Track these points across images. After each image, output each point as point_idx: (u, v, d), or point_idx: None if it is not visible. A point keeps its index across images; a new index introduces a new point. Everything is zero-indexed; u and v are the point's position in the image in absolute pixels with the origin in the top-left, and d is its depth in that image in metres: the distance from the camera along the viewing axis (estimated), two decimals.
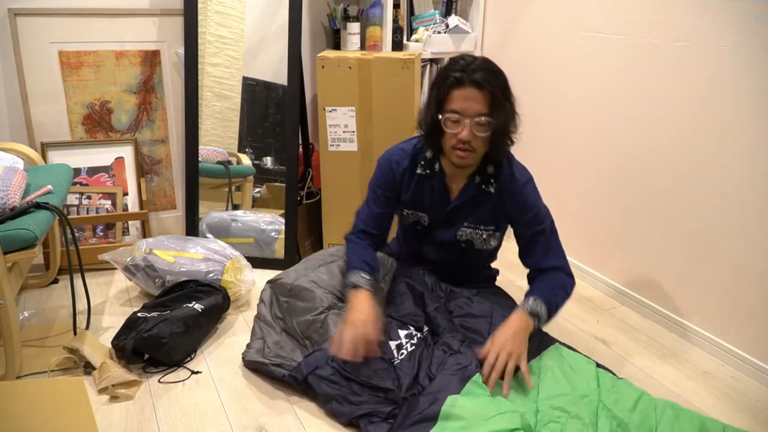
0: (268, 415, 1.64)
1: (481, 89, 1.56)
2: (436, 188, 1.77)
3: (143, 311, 1.92)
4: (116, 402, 1.67)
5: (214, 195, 2.58)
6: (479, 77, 1.55)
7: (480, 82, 1.55)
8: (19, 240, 1.61)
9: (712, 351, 1.96)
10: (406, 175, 1.79)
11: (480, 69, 1.57)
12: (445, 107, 1.60)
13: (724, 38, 1.79)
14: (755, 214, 1.78)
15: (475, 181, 1.74)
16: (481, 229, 1.78)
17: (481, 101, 1.56)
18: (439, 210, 1.79)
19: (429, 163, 1.76)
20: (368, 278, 1.73)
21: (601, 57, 2.20)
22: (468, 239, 1.80)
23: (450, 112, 1.59)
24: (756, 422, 1.66)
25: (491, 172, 1.73)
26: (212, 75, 2.49)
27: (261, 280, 2.37)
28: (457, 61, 1.62)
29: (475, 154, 1.64)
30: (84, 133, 2.49)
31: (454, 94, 1.58)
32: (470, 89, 1.56)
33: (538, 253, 1.74)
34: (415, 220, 1.85)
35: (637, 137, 2.11)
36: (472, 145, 1.60)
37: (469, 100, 1.56)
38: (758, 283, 1.81)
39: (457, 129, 1.59)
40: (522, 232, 1.76)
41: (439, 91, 1.61)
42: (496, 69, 1.61)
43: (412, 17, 2.73)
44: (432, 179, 1.76)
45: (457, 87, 1.57)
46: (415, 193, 1.79)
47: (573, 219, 2.47)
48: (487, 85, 1.56)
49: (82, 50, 2.40)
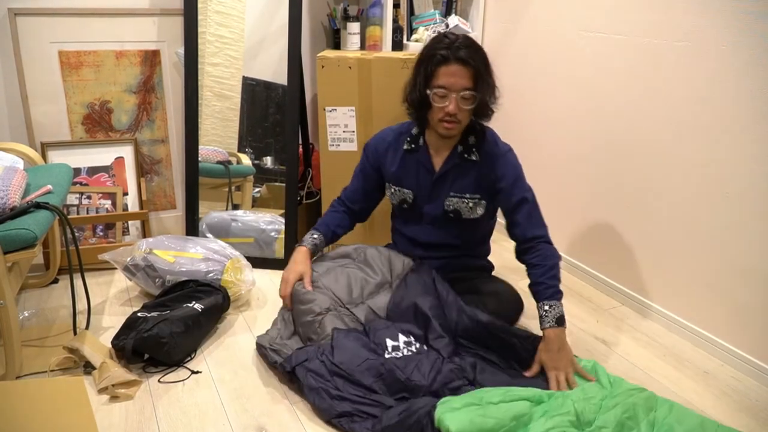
0: (268, 415, 1.64)
1: (466, 65, 1.70)
2: (421, 162, 1.89)
3: (143, 311, 1.92)
4: (116, 402, 1.67)
5: (214, 195, 2.58)
6: (464, 54, 1.69)
7: (465, 58, 1.69)
8: (19, 240, 1.61)
9: (712, 351, 1.96)
10: (390, 149, 1.93)
11: (464, 46, 1.71)
12: (432, 83, 1.73)
13: (724, 38, 1.79)
14: (755, 214, 1.78)
15: (458, 150, 1.86)
16: (466, 197, 1.87)
17: (466, 76, 1.71)
18: (425, 183, 1.90)
19: (414, 139, 1.91)
20: (316, 237, 1.95)
21: (601, 57, 2.20)
22: (455, 209, 1.89)
23: (437, 87, 1.72)
24: (756, 422, 1.66)
25: (473, 142, 1.86)
26: (212, 75, 2.49)
27: (261, 280, 2.37)
28: (441, 39, 1.74)
29: (460, 125, 1.78)
30: (84, 133, 2.49)
31: (441, 71, 1.71)
32: (456, 66, 1.70)
33: (524, 222, 1.81)
34: (401, 198, 1.94)
35: (638, 137, 2.11)
36: (458, 117, 1.74)
37: (455, 75, 1.70)
38: (758, 283, 1.81)
39: (444, 103, 1.73)
40: (506, 199, 1.84)
41: (427, 68, 1.74)
42: (477, 46, 1.75)
43: (412, 17, 2.73)
44: (417, 153, 1.90)
45: (444, 64, 1.71)
46: (400, 167, 1.91)
47: (573, 219, 2.47)
48: (471, 62, 1.70)
49: (82, 50, 2.40)
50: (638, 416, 1.49)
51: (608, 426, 1.45)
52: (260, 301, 2.25)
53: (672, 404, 1.55)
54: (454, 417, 1.42)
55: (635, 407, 1.50)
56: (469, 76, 1.71)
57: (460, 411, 1.44)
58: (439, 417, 1.43)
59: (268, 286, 2.36)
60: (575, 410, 1.47)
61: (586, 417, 1.47)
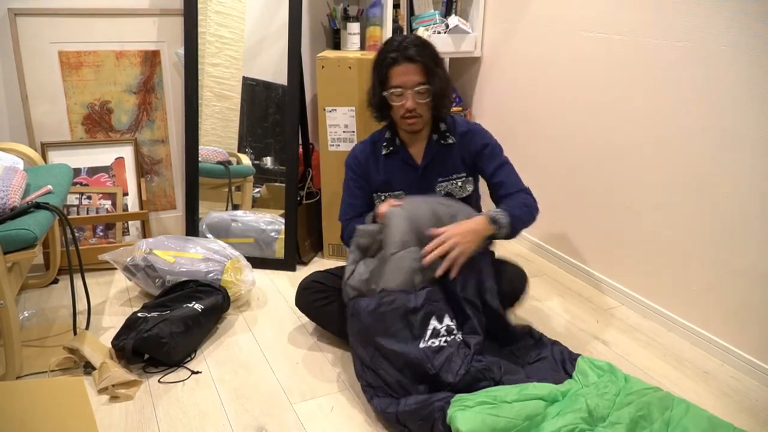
0: (268, 415, 1.64)
1: (415, 62, 1.79)
2: (403, 160, 1.95)
3: (143, 311, 1.92)
4: (116, 402, 1.67)
5: (214, 195, 2.58)
6: (412, 52, 1.79)
7: (413, 56, 1.79)
8: (19, 240, 1.61)
9: (712, 351, 1.96)
10: (371, 160, 1.98)
11: (411, 45, 1.80)
12: (387, 85, 1.83)
13: (723, 38, 1.79)
14: (755, 214, 1.78)
15: (434, 139, 1.94)
16: (454, 178, 1.95)
17: (417, 73, 1.80)
18: (412, 178, 1.95)
19: (390, 142, 1.96)
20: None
21: (601, 57, 2.20)
22: (447, 192, 1.96)
23: (392, 87, 1.82)
24: (756, 422, 1.66)
25: (444, 128, 1.94)
26: (212, 75, 2.49)
27: (261, 280, 2.38)
28: (389, 42, 1.85)
29: (422, 119, 1.86)
30: (84, 133, 2.49)
31: (393, 72, 1.81)
32: (405, 65, 1.79)
33: (507, 180, 1.90)
34: None
35: (638, 137, 2.11)
36: (418, 111, 1.83)
37: (407, 74, 1.80)
38: (758, 283, 1.81)
39: (401, 101, 1.82)
40: (487, 167, 1.92)
41: (380, 72, 1.84)
42: (425, 42, 1.85)
43: (412, 17, 2.73)
44: (397, 154, 1.96)
45: (394, 65, 1.80)
46: (385, 172, 1.96)
47: (573, 218, 2.47)
48: (419, 58, 1.79)
49: (82, 50, 2.40)
50: (653, 415, 1.49)
51: (622, 422, 1.45)
52: (260, 301, 2.25)
53: (688, 405, 1.54)
54: (466, 417, 1.41)
55: (650, 406, 1.50)
56: (420, 71, 1.80)
57: (473, 410, 1.44)
58: (451, 416, 1.43)
59: (268, 286, 2.36)
60: (588, 406, 1.47)
61: (599, 413, 1.47)
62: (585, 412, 1.46)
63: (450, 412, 1.44)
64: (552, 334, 1.96)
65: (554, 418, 1.46)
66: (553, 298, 2.32)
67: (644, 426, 1.47)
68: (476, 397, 1.49)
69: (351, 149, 2.05)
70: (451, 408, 1.45)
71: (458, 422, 1.40)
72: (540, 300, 2.30)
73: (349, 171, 2.02)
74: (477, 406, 1.45)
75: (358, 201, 2.01)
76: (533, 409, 1.46)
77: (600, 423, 1.46)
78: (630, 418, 1.46)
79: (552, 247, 2.61)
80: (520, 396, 1.49)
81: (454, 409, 1.45)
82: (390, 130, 1.97)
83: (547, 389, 1.53)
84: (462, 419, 1.41)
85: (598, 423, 1.46)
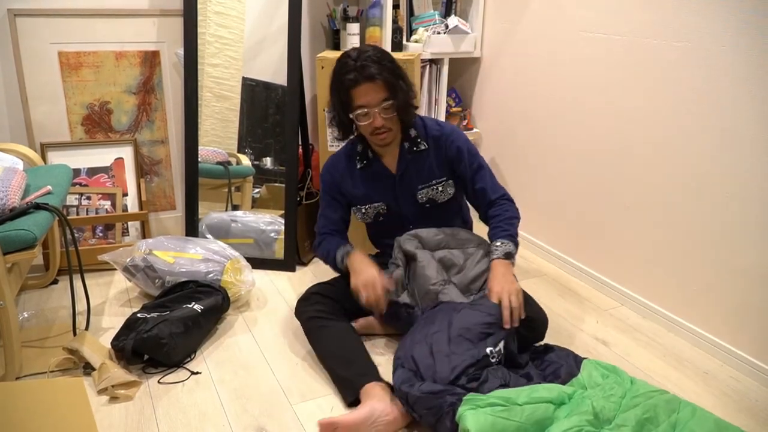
0: (268, 415, 1.64)
1: (375, 80, 1.75)
2: (378, 172, 1.94)
3: (143, 312, 1.92)
4: (116, 402, 1.67)
5: (213, 195, 2.57)
6: (372, 71, 1.74)
7: (373, 74, 1.74)
8: (19, 241, 1.61)
9: (712, 351, 1.96)
10: (346, 174, 1.96)
11: (369, 62, 1.75)
12: (351, 107, 1.80)
13: (723, 39, 1.79)
14: (755, 214, 1.78)
15: (405, 147, 1.92)
16: (434, 183, 1.93)
17: (379, 90, 1.76)
18: (389, 188, 1.94)
19: (362, 155, 1.95)
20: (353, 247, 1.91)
21: (601, 57, 2.20)
22: (429, 198, 1.94)
23: (357, 108, 1.79)
24: (756, 422, 1.66)
25: (414, 134, 1.92)
26: (212, 75, 2.49)
27: (261, 281, 2.37)
28: (345, 63, 1.78)
29: (392, 132, 1.85)
30: (83, 134, 2.49)
31: (354, 93, 1.77)
32: (366, 84, 1.75)
33: (487, 186, 1.92)
34: (375, 213, 1.97)
35: (637, 137, 2.11)
36: (386, 125, 1.81)
37: (369, 93, 1.76)
38: (758, 283, 1.81)
39: (368, 120, 1.79)
40: (465, 173, 1.92)
41: (340, 95, 1.81)
42: (380, 54, 1.79)
43: (411, 18, 2.73)
44: (371, 166, 1.94)
45: (355, 86, 1.76)
46: (363, 186, 1.95)
47: (572, 218, 2.47)
48: (379, 75, 1.74)
49: (82, 51, 2.40)
50: (659, 417, 1.48)
51: (628, 425, 1.44)
52: (260, 301, 2.25)
53: (695, 408, 1.53)
54: (476, 417, 1.41)
55: (656, 408, 1.50)
56: (382, 88, 1.76)
57: (483, 411, 1.43)
58: (461, 414, 1.43)
59: (267, 286, 2.36)
60: (594, 408, 1.46)
61: (605, 415, 1.46)
62: (591, 414, 1.45)
63: (460, 411, 1.44)
64: (552, 334, 1.96)
65: (560, 421, 1.46)
66: (553, 298, 2.31)
67: (650, 429, 1.46)
68: (488, 398, 1.48)
69: (324, 162, 2.04)
70: (462, 406, 1.45)
71: (468, 422, 1.40)
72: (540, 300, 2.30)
73: (323, 185, 2.01)
74: (488, 407, 1.45)
75: (335, 215, 1.99)
76: (542, 414, 1.46)
77: (606, 425, 1.45)
78: (636, 421, 1.45)
79: (552, 247, 2.61)
80: (530, 399, 1.49)
81: (465, 407, 1.44)
82: (361, 143, 1.94)
83: (555, 391, 1.53)
84: (472, 419, 1.40)
85: (604, 425, 1.45)
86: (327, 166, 2.01)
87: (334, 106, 1.86)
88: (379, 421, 1.52)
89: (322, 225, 2.01)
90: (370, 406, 1.54)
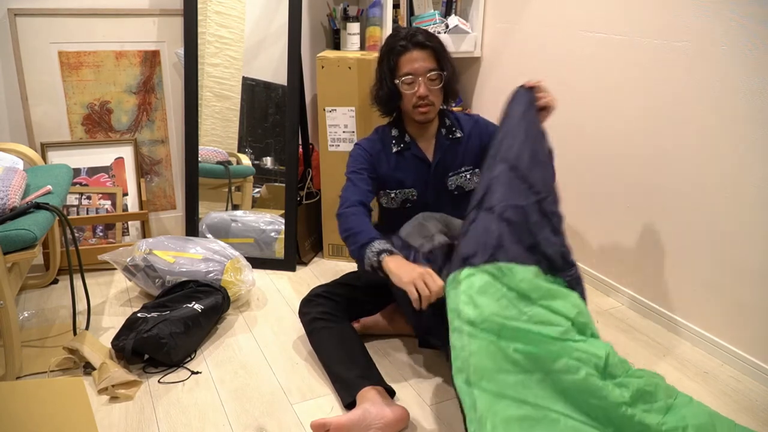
0: (268, 416, 1.64)
1: (425, 48, 1.79)
2: (415, 156, 1.93)
3: (143, 311, 1.92)
4: (116, 402, 1.67)
5: (213, 195, 2.58)
6: (421, 38, 1.79)
7: (423, 42, 1.79)
8: (19, 240, 1.61)
9: (712, 351, 1.96)
10: (381, 153, 1.93)
11: (419, 32, 1.81)
12: (398, 73, 1.81)
13: (723, 39, 1.79)
14: (755, 214, 1.78)
15: (443, 133, 1.93)
16: (463, 171, 1.95)
17: (428, 59, 1.80)
18: (424, 175, 1.93)
19: (399, 139, 1.93)
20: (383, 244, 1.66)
21: (601, 57, 2.20)
22: (458, 185, 1.95)
23: (404, 75, 1.80)
24: (756, 422, 1.66)
25: (449, 123, 1.95)
26: (212, 75, 2.49)
27: (261, 281, 2.38)
28: (395, 33, 1.84)
29: (434, 107, 1.85)
30: (84, 134, 2.49)
31: (403, 60, 1.80)
32: (416, 51, 1.79)
33: None
34: (403, 198, 1.95)
35: (637, 137, 2.11)
36: (430, 99, 1.81)
37: (418, 60, 1.79)
38: (758, 283, 1.81)
39: (413, 89, 1.80)
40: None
41: (390, 62, 1.82)
42: (431, 33, 1.84)
43: (411, 17, 2.73)
44: (408, 150, 1.93)
45: (404, 52, 1.79)
46: (397, 169, 1.93)
47: (572, 219, 2.47)
48: (429, 43, 1.80)
49: (82, 50, 2.40)
50: (658, 395, 1.50)
51: (629, 387, 1.45)
52: (260, 301, 2.25)
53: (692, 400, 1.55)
54: (478, 297, 1.40)
55: (657, 387, 1.51)
56: (431, 57, 1.80)
57: (484, 290, 1.42)
58: (459, 278, 1.43)
59: (268, 286, 2.36)
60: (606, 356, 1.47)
61: (611, 370, 1.47)
62: (602, 359, 1.45)
63: (460, 276, 1.43)
64: None
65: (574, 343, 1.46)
66: None
67: (648, 400, 1.48)
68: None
69: (356, 143, 1.97)
70: (464, 272, 1.44)
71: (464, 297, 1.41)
72: None
73: (357, 159, 1.89)
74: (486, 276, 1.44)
75: (366, 186, 1.84)
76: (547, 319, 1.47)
77: (609, 378, 1.46)
78: (637, 388, 1.46)
79: None
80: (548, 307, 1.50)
81: (465, 273, 1.43)
82: (396, 127, 1.93)
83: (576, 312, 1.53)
84: (470, 297, 1.41)
85: (608, 378, 1.46)
86: (362, 144, 1.94)
87: (381, 76, 1.86)
88: (372, 424, 1.52)
89: (351, 193, 1.82)
90: (364, 409, 1.54)
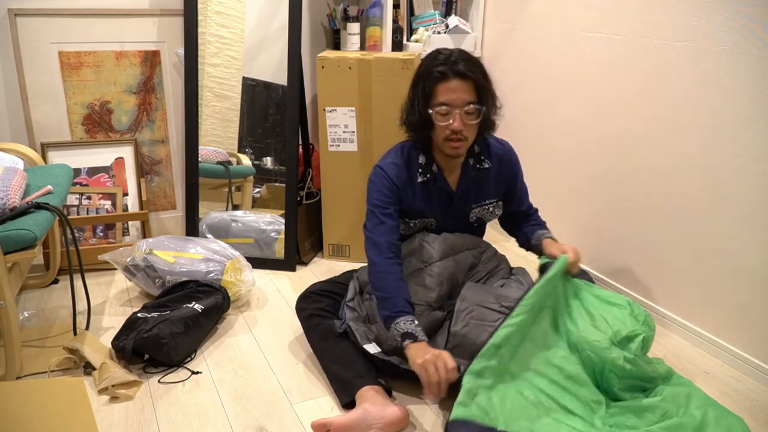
0: (268, 415, 1.64)
1: (466, 79, 1.64)
2: (440, 188, 1.82)
3: (143, 311, 1.92)
4: (116, 402, 1.67)
5: (214, 195, 2.58)
6: (462, 67, 1.63)
7: (464, 72, 1.63)
8: (19, 240, 1.61)
9: (712, 351, 1.96)
10: (407, 187, 1.79)
11: (461, 59, 1.65)
12: (432, 102, 1.66)
13: (723, 39, 1.79)
14: (755, 214, 1.78)
15: (470, 163, 1.81)
16: (486, 204, 1.88)
17: (467, 91, 1.64)
18: (445, 206, 1.85)
19: (426, 168, 1.80)
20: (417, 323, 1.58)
21: (601, 57, 2.20)
22: (478, 218, 1.89)
23: (439, 105, 1.65)
24: (756, 422, 1.66)
25: (478, 150, 1.82)
26: (212, 75, 2.49)
27: (261, 281, 2.38)
28: (435, 56, 1.68)
29: (466, 142, 1.70)
30: (84, 134, 2.49)
31: (440, 88, 1.64)
32: (455, 81, 1.63)
33: (524, 199, 1.96)
34: (421, 227, 1.89)
35: (637, 137, 2.11)
36: (464, 133, 1.67)
37: (456, 91, 1.63)
38: (758, 283, 1.81)
39: (447, 121, 1.65)
40: (514, 194, 1.92)
41: (425, 87, 1.67)
42: (473, 58, 1.69)
43: (411, 17, 2.73)
44: (434, 182, 1.81)
45: (443, 80, 1.64)
46: (420, 200, 1.81)
47: (572, 219, 2.47)
48: (471, 74, 1.64)
49: (82, 50, 2.40)
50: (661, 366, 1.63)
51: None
52: (260, 301, 2.25)
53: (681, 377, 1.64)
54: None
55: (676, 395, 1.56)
56: (471, 89, 1.64)
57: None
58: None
59: (268, 286, 2.36)
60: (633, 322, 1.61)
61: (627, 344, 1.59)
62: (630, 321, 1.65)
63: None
64: None
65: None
66: None
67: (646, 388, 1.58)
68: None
69: (380, 167, 1.79)
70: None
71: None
72: None
73: (384, 189, 1.75)
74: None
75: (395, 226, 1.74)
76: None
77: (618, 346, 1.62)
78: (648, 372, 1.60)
79: None
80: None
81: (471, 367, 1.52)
82: (424, 154, 1.78)
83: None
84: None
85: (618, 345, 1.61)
86: (388, 172, 1.76)
87: (413, 100, 1.71)
88: (372, 424, 1.51)
89: (380, 234, 1.70)
90: (364, 409, 1.53)
